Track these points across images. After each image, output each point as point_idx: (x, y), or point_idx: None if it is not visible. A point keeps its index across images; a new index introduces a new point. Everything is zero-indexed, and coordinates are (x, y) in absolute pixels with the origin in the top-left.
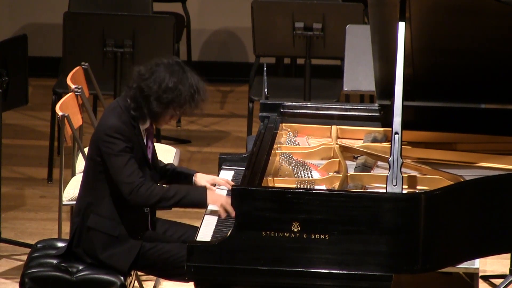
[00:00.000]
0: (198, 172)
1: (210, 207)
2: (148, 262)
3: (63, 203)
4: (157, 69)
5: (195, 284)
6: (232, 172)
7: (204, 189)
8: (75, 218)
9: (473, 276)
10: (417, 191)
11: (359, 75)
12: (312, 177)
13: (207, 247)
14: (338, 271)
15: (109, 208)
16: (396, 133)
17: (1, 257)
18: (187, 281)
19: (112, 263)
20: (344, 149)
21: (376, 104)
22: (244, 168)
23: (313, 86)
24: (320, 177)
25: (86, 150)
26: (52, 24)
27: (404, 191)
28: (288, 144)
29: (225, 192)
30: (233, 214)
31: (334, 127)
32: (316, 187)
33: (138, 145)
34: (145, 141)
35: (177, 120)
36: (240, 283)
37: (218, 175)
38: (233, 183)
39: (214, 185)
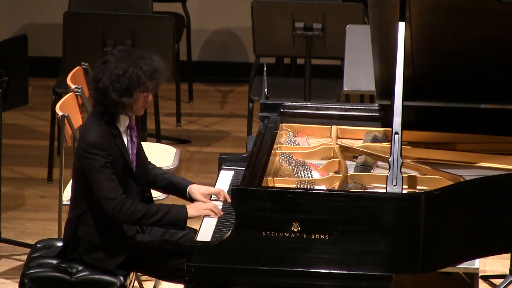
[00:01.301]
0: (193, 183)
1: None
2: (147, 264)
3: (63, 203)
4: (105, 66)
5: (191, 286)
6: (232, 172)
7: (184, 205)
8: (67, 227)
9: (473, 276)
10: (417, 191)
11: (359, 75)
12: (312, 177)
13: (207, 247)
14: (338, 271)
15: (97, 218)
16: (396, 133)
17: (1, 257)
18: (186, 281)
19: (96, 264)
20: (344, 149)
21: (376, 104)
22: (244, 168)
23: (313, 86)
24: (320, 177)
25: (73, 162)
26: (52, 24)
27: (404, 191)
28: (288, 144)
29: (220, 204)
30: (220, 213)
31: (334, 127)
32: (316, 187)
33: (120, 156)
34: (127, 140)
35: (177, 120)
36: (240, 283)
37: (218, 175)
38: (227, 196)
39: (210, 196)
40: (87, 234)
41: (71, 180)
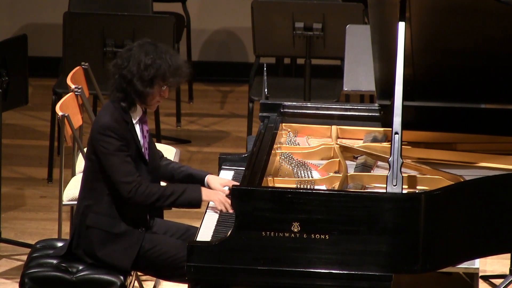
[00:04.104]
0: (211, 173)
1: (211, 203)
2: (147, 263)
3: (63, 203)
4: (131, 53)
5: (191, 285)
6: (232, 172)
7: (199, 186)
8: (74, 219)
9: (473, 276)
10: (417, 191)
11: (359, 75)
12: (312, 177)
13: (207, 247)
14: (338, 271)
15: (108, 206)
16: (396, 133)
17: (1, 257)
18: (187, 281)
19: (112, 261)
20: (344, 149)
21: (376, 104)
22: (244, 168)
23: (313, 86)
24: (320, 177)
25: (86, 150)
26: (52, 24)
27: (404, 191)
28: (288, 144)
29: None
30: (230, 209)
31: (334, 127)
32: (316, 187)
33: (132, 141)
34: (139, 130)
35: (177, 120)
36: (240, 283)
37: (218, 175)
38: None
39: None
40: (96, 221)
41: (71, 180)
